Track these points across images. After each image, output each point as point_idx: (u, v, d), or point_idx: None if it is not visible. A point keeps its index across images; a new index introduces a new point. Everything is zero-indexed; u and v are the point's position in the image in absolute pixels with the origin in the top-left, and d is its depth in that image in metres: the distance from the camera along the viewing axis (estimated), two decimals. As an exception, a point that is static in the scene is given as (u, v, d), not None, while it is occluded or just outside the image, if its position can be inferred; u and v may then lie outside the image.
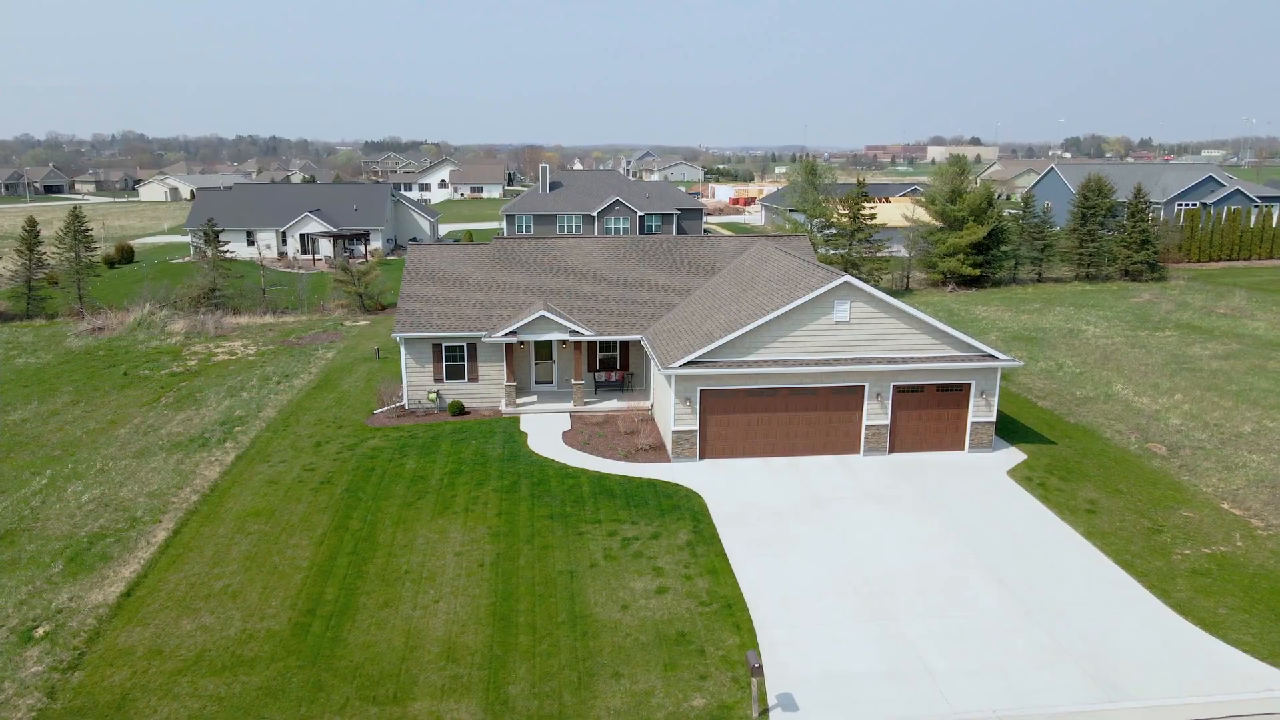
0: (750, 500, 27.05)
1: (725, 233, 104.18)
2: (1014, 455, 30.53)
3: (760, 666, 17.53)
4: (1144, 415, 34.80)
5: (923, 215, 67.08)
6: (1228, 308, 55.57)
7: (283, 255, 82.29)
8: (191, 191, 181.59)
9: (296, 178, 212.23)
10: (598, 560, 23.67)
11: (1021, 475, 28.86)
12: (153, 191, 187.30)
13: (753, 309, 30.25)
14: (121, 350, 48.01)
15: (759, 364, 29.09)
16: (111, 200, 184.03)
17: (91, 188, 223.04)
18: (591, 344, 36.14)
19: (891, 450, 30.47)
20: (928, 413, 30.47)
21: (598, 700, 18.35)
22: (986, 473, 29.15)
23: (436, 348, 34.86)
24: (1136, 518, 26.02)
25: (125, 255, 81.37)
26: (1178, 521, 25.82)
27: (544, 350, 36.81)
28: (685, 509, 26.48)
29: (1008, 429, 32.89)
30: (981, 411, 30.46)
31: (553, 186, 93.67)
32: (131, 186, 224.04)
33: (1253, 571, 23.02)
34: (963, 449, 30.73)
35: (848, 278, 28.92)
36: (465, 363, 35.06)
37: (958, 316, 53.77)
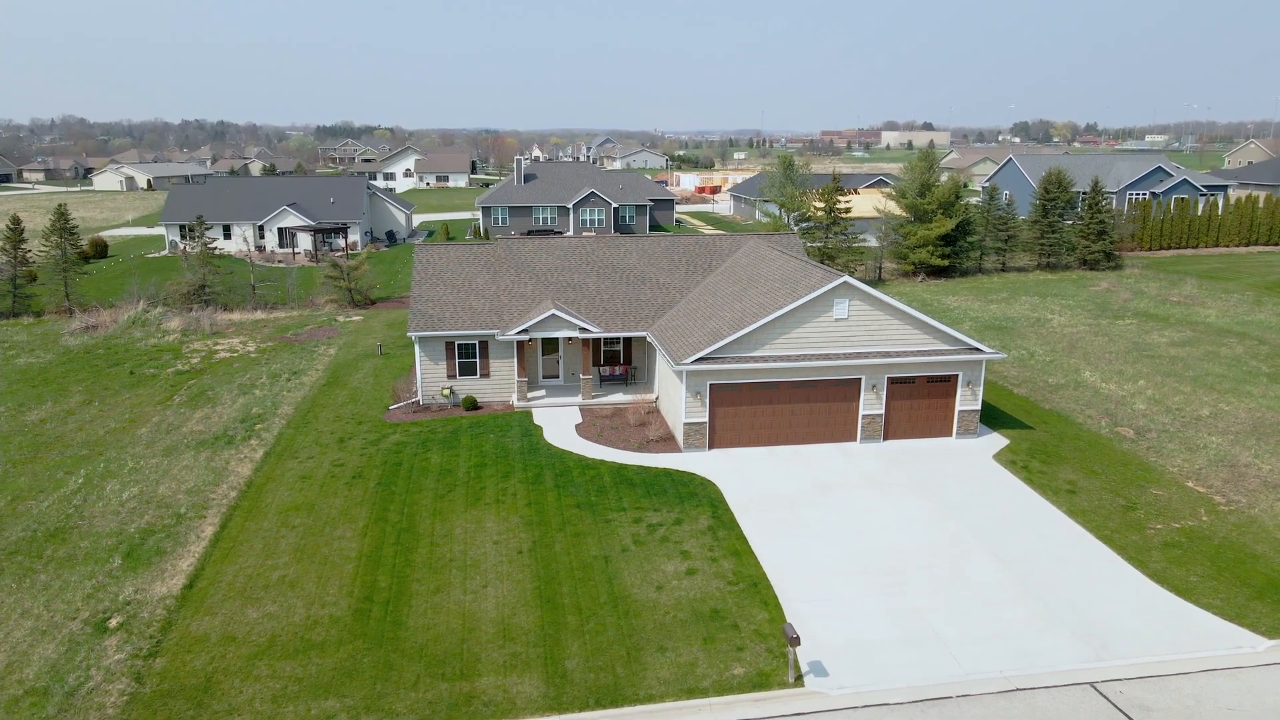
0: (761, 487, 29.12)
1: (697, 223, 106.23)
2: (997, 440, 32.98)
3: (797, 637, 19.58)
4: (1112, 401, 37.54)
5: (893, 208, 69.64)
6: (1180, 296, 58.94)
7: (260, 249, 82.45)
8: (148, 181, 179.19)
9: (255, 166, 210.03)
10: (628, 545, 25.54)
11: (1006, 459, 31.30)
12: (107, 180, 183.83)
13: (756, 307, 32.23)
14: (120, 349, 48.61)
15: (764, 359, 31.11)
16: (65, 190, 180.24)
17: (41, 176, 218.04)
18: (597, 339, 37.84)
19: (886, 437, 32.74)
20: (919, 402, 32.77)
21: (648, 672, 20.26)
22: (974, 457, 31.55)
23: (450, 345, 36.35)
24: (1112, 496, 28.57)
25: (99, 250, 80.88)
26: (1149, 499, 28.42)
27: (550, 346, 38.50)
28: (702, 496, 28.46)
29: (989, 415, 35.32)
30: (968, 400, 32.84)
31: (527, 178, 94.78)
32: (83, 175, 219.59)
33: (1218, 543, 25.64)
34: (951, 435, 33.10)
35: (847, 278, 31.03)
36: (477, 359, 36.61)
37: (930, 307, 56.33)
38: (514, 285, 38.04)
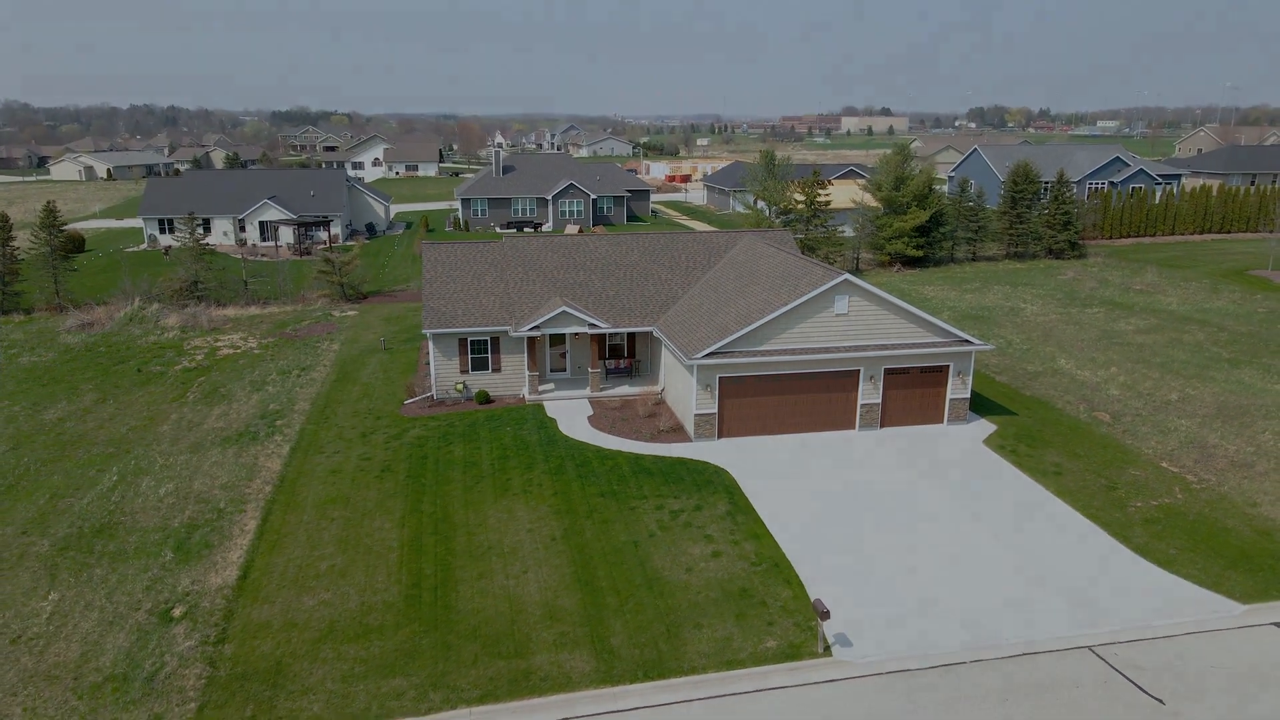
0: (771, 473, 30.97)
1: (673, 213, 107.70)
2: (985, 427, 35.18)
3: (828, 611, 21.47)
4: (1088, 387, 39.99)
5: (869, 200, 71.85)
6: (1143, 284, 61.89)
7: (242, 243, 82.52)
8: (108, 170, 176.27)
9: (217, 155, 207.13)
10: (654, 531, 27.26)
11: (995, 444, 33.50)
12: (65, 170, 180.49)
13: (761, 304, 34.02)
14: (121, 346, 49.12)
15: (769, 353, 32.94)
16: (21, 180, 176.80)
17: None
18: (602, 334, 39.37)
19: (882, 425, 34.78)
20: (913, 392, 34.84)
21: (688, 646, 22.04)
22: (965, 442, 33.70)
23: (462, 342, 37.67)
24: (1094, 477, 30.88)
25: (76, 244, 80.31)
26: (1128, 479, 30.78)
27: (557, 340, 39.97)
28: (718, 483, 30.26)
29: (976, 403, 37.48)
30: (958, 389, 34.99)
31: (506, 170, 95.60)
32: (39, 164, 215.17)
33: (1193, 519, 28.02)
34: (942, 422, 35.24)
35: (847, 275, 32.93)
36: (489, 355, 37.98)
37: (908, 297, 58.53)
38: (522, 282, 39.42)
